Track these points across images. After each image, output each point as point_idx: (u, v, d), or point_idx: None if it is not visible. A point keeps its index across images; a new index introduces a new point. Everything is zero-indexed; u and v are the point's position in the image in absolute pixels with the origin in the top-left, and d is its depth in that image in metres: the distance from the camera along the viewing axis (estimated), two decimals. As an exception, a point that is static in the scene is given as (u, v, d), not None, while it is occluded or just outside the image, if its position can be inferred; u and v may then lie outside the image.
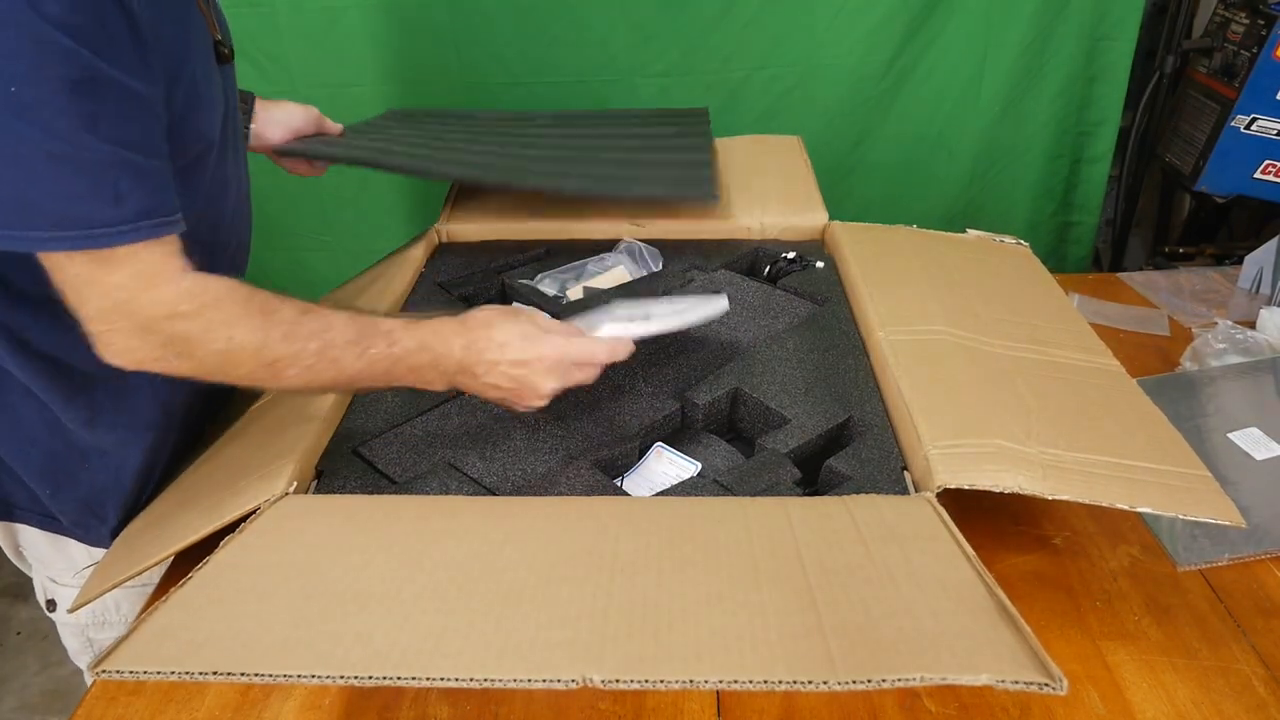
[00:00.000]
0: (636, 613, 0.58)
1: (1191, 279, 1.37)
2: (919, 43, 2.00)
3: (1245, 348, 1.12)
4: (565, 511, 0.72)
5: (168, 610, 0.61)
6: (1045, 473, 0.73)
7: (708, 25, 1.97)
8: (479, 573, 0.63)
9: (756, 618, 0.57)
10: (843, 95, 2.04)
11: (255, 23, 1.94)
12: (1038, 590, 0.78)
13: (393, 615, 0.59)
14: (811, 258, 1.16)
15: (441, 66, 2.01)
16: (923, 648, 0.54)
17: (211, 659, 0.56)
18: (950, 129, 2.09)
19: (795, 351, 0.97)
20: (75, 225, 0.62)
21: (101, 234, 0.62)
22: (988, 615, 0.57)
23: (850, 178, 2.15)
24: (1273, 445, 0.94)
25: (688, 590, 0.60)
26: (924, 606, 0.58)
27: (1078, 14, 1.95)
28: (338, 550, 0.67)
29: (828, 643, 0.55)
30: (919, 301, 0.99)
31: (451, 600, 0.60)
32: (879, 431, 0.84)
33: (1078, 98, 2.05)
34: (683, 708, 0.69)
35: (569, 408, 0.90)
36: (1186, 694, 0.69)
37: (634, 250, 1.20)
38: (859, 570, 0.62)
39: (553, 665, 0.54)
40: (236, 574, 0.65)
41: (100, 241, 0.62)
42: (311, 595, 0.61)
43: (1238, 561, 0.81)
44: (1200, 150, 1.83)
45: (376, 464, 0.83)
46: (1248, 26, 1.72)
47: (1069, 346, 0.93)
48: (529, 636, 0.56)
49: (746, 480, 0.80)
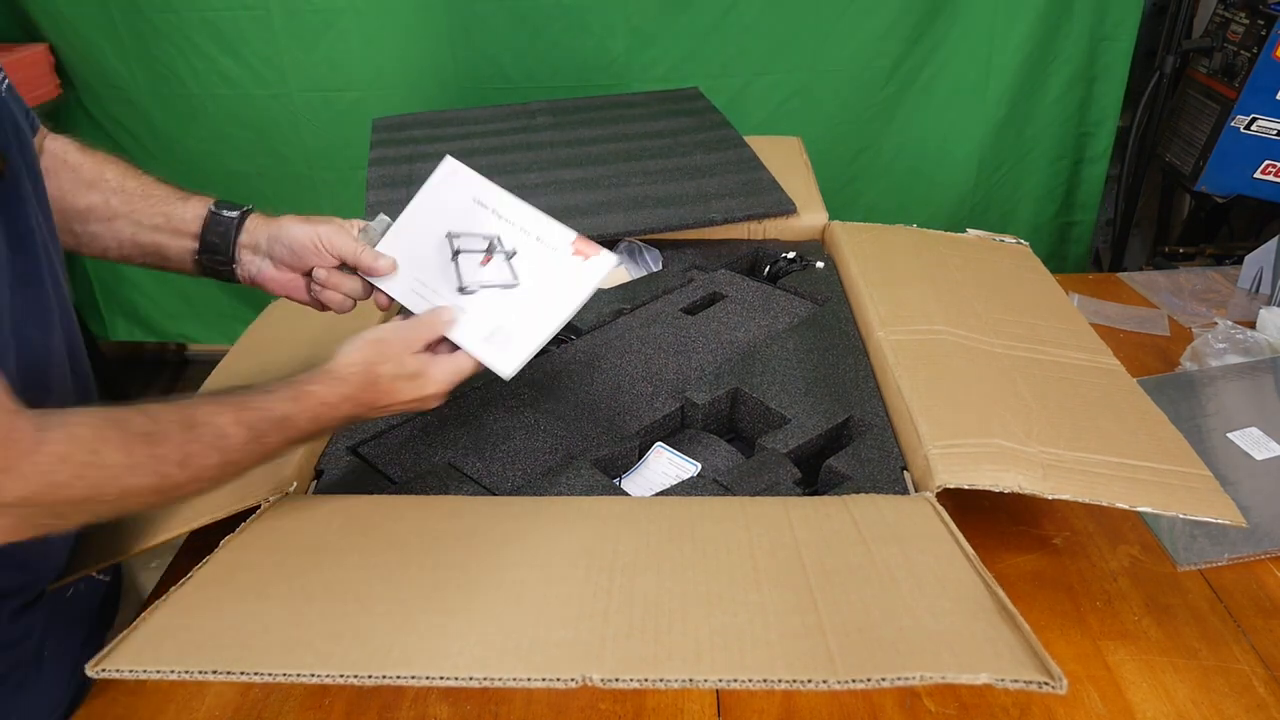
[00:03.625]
0: (636, 613, 0.58)
1: (1191, 279, 1.37)
2: (923, 48, 1.99)
3: (1245, 348, 1.12)
4: (565, 511, 0.72)
5: (167, 610, 0.61)
6: (1045, 472, 0.73)
7: (707, 30, 1.96)
8: (479, 572, 0.63)
9: (756, 617, 0.57)
10: (846, 102, 2.03)
11: (250, 26, 1.93)
12: (1038, 590, 0.78)
13: (393, 615, 0.59)
14: (811, 258, 1.16)
15: (438, 70, 2.00)
16: (923, 646, 0.54)
17: (211, 658, 0.56)
18: (954, 135, 2.08)
19: (795, 351, 0.97)
20: None
21: None
22: (987, 614, 0.57)
23: (853, 185, 2.14)
24: (1273, 445, 0.94)
25: (688, 590, 0.60)
26: (924, 606, 0.58)
27: (1079, 15, 1.94)
28: (338, 550, 0.67)
29: (828, 642, 0.55)
30: (919, 301, 0.99)
31: (451, 600, 0.60)
32: (879, 431, 0.84)
33: (1078, 98, 2.05)
34: (683, 707, 0.69)
35: (569, 408, 0.90)
36: (1186, 694, 0.69)
37: (634, 250, 1.20)
38: (859, 570, 0.62)
39: (553, 665, 0.54)
40: (236, 573, 0.65)
41: None
42: (312, 595, 0.61)
43: (1238, 561, 0.81)
44: (1200, 150, 1.83)
45: (376, 464, 0.83)
46: (1248, 26, 1.72)
47: (1069, 346, 0.93)
48: (529, 636, 0.56)
49: (746, 480, 0.80)
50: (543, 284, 0.78)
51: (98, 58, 1.99)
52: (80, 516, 0.59)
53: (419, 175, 1.26)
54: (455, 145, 1.38)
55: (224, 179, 2.12)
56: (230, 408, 0.65)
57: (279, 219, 0.82)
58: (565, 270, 0.78)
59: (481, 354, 0.74)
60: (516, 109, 1.54)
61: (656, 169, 1.29)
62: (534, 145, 1.38)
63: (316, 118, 2.05)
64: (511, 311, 0.76)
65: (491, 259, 0.79)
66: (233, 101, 2.03)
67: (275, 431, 0.67)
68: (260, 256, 0.82)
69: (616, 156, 1.34)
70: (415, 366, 0.72)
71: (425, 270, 0.79)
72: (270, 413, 0.67)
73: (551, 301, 0.77)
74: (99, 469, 0.57)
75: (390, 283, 0.80)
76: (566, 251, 0.78)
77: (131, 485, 0.59)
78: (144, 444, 0.59)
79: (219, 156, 2.10)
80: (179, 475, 0.61)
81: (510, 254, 0.79)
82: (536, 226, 0.80)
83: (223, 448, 0.64)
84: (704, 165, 1.30)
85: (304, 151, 2.09)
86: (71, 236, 0.79)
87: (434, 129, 1.45)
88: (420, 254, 0.80)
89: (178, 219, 0.81)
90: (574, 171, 1.29)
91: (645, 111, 1.52)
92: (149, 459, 0.60)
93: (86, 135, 2.21)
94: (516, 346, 0.74)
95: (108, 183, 0.80)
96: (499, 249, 0.80)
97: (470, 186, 0.84)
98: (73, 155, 0.79)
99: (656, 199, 1.21)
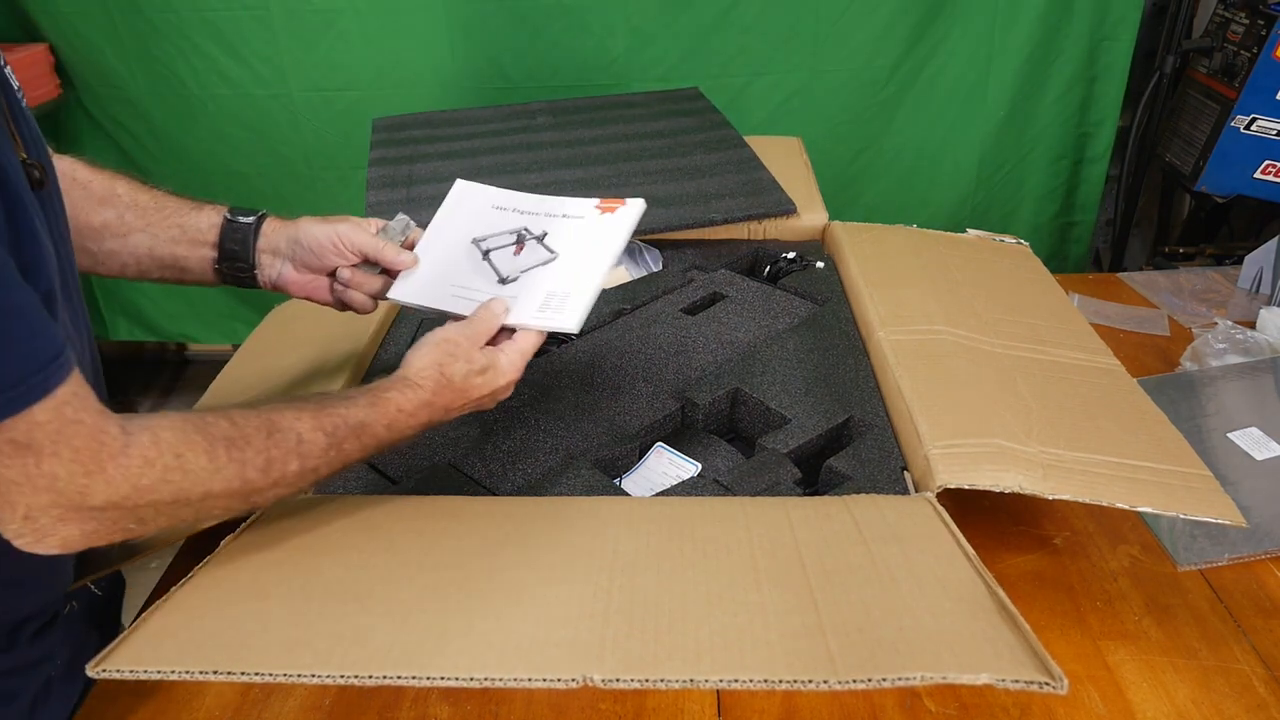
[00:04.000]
0: (637, 612, 0.58)
1: (1191, 279, 1.37)
2: (923, 48, 1.99)
3: (1245, 348, 1.12)
4: (565, 511, 0.72)
5: (168, 610, 0.61)
6: (1045, 472, 0.73)
7: (707, 29, 1.96)
8: (479, 572, 0.63)
9: (757, 617, 0.57)
10: (846, 102, 2.03)
11: (250, 26, 1.93)
12: (1038, 590, 0.78)
13: (393, 615, 0.59)
14: (811, 258, 1.16)
15: (438, 70, 2.00)
16: (923, 646, 0.54)
17: (211, 659, 0.56)
18: (955, 135, 2.07)
19: (795, 351, 0.97)
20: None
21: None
22: (987, 614, 0.57)
23: (854, 186, 2.13)
24: (1273, 445, 0.94)
25: (688, 590, 0.60)
26: (924, 606, 0.58)
27: (1080, 15, 1.94)
28: (338, 550, 0.67)
29: (828, 642, 0.55)
30: (919, 301, 0.99)
31: (451, 600, 0.60)
32: (879, 431, 0.84)
33: (1079, 98, 2.05)
34: (683, 707, 0.69)
35: (569, 408, 0.90)
36: (1187, 694, 0.69)
37: (634, 250, 1.20)
38: (859, 570, 0.62)
39: (553, 665, 0.54)
40: (236, 573, 0.65)
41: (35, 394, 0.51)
42: (311, 595, 0.61)
43: (1238, 561, 0.81)
44: (1200, 150, 1.83)
45: (376, 464, 0.83)
46: (1248, 26, 1.72)
47: (1069, 346, 0.93)
48: (529, 636, 0.56)
49: (746, 480, 0.80)
50: (581, 246, 0.79)
51: (98, 58, 1.99)
52: (162, 520, 0.59)
53: (419, 175, 1.26)
54: (455, 145, 1.38)
55: (224, 179, 2.12)
56: (309, 414, 0.65)
57: (296, 221, 0.82)
58: (599, 227, 0.79)
59: (541, 322, 0.75)
60: (516, 109, 1.54)
61: (656, 169, 1.29)
62: (534, 145, 1.38)
63: (317, 117, 2.05)
64: (558, 278, 0.77)
65: (524, 247, 0.80)
66: (233, 101, 2.03)
67: (353, 438, 0.67)
68: (281, 260, 0.81)
69: (616, 157, 1.34)
70: (484, 360, 0.73)
71: (460, 275, 0.80)
72: (348, 419, 0.67)
73: (594, 254, 0.78)
74: (183, 473, 0.57)
75: (428, 293, 0.80)
76: (594, 215, 0.80)
77: (214, 489, 0.59)
78: (227, 449, 0.60)
79: (219, 156, 2.10)
80: (260, 480, 0.62)
81: (541, 236, 0.80)
82: (559, 207, 0.82)
83: (302, 453, 0.64)
84: (704, 165, 1.30)
85: (304, 151, 2.09)
86: (87, 256, 0.78)
87: (434, 129, 1.45)
88: (450, 265, 0.81)
89: (194, 229, 0.80)
90: (574, 171, 1.29)
91: (645, 112, 1.52)
92: (231, 463, 0.60)
93: (86, 135, 2.21)
94: (573, 301, 0.75)
95: (120, 198, 0.79)
96: (528, 236, 0.81)
97: (485, 196, 0.85)
98: (82, 172, 0.78)
99: (657, 199, 1.21)
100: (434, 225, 0.84)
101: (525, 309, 0.76)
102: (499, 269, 0.79)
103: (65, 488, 0.52)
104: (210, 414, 0.61)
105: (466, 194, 0.87)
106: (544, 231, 0.81)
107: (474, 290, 0.78)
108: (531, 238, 0.81)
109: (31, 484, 0.52)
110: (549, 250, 0.80)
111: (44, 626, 0.70)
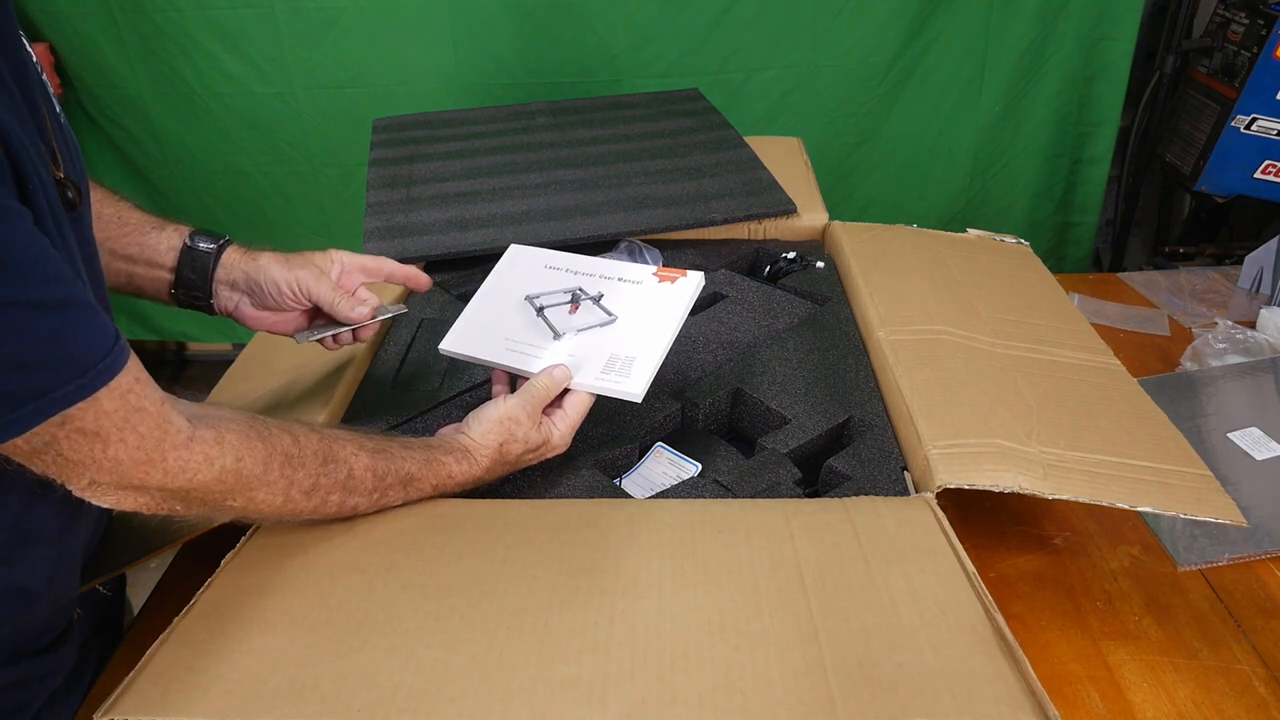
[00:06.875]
0: (639, 645, 0.58)
1: (1191, 279, 1.37)
2: (920, 44, 2.00)
3: (1245, 348, 1.12)
4: (565, 521, 0.71)
5: (172, 647, 0.60)
6: (1045, 472, 0.73)
7: (707, 27, 1.97)
8: (479, 597, 0.63)
9: (758, 651, 0.58)
10: (843, 96, 2.04)
11: (253, 24, 1.94)
12: (1038, 590, 0.78)
13: (397, 651, 0.58)
14: (811, 258, 1.16)
15: (440, 67, 2.01)
16: (923, 688, 0.55)
17: (218, 705, 0.55)
18: (950, 129, 2.09)
19: (795, 351, 0.97)
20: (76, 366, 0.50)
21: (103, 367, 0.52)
22: (987, 647, 0.57)
23: (851, 178, 2.15)
24: (1273, 445, 0.94)
25: (689, 617, 0.60)
26: (924, 637, 0.58)
27: (1077, 14, 1.95)
28: (340, 571, 0.66)
29: (829, 680, 0.55)
30: (919, 301, 0.99)
31: (453, 632, 0.60)
32: (879, 431, 0.84)
33: (1077, 98, 2.05)
34: None
35: (569, 408, 0.90)
36: (1187, 694, 0.69)
37: (634, 250, 1.20)
38: (860, 592, 0.62)
39: (557, 709, 0.54)
40: (239, 598, 0.64)
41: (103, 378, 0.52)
42: (314, 625, 0.61)
43: (1238, 561, 0.81)
44: (1200, 150, 1.83)
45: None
46: (1248, 26, 1.72)
47: (1069, 346, 0.93)
48: (532, 675, 0.56)
49: (747, 480, 0.80)
50: (640, 311, 0.80)
51: (98, 57, 1.99)
52: (203, 509, 0.61)
53: (419, 175, 1.26)
54: (455, 145, 1.38)
55: (226, 176, 2.12)
56: (366, 454, 0.68)
57: (258, 257, 0.82)
58: (657, 295, 0.81)
59: (605, 387, 0.76)
60: (517, 109, 1.54)
61: (656, 169, 1.29)
62: (534, 145, 1.38)
63: (320, 115, 2.05)
64: (619, 341, 0.79)
65: (579, 306, 0.82)
66: (236, 99, 2.03)
67: (399, 487, 0.70)
68: (239, 293, 0.82)
69: (616, 157, 1.34)
70: (539, 438, 0.76)
71: (515, 331, 0.82)
72: (399, 470, 0.69)
73: (656, 320, 0.79)
74: (237, 476, 0.60)
75: (481, 346, 0.81)
76: (652, 282, 0.82)
77: (260, 498, 0.62)
78: (282, 464, 0.62)
79: (221, 154, 2.10)
80: (303, 503, 0.64)
81: (597, 297, 0.82)
82: (614, 270, 0.84)
83: (348, 488, 0.67)
84: (704, 165, 1.30)
85: (307, 149, 2.09)
86: None
87: (434, 129, 1.45)
88: (503, 320, 0.83)
89: (151, 249, 0.80)
90: (574, 172, 1.29)
91: (645, 112, 1.52)
92: (282, 479, 0.62)
93: (87, 135, 2.21)
94: (639, 367, 0.76)
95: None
96: (584, 296, 0.82)
97: (538, 258, 0.88)
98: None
99: (657, 199, 1.21)
100: (487, 283, 0.87)
101: (588, 372, 0.77)
102: (554, 326, 0.81)
103: (128, 471, 0.55)
104: (276, 424, 0.63)
105: (521, 255, 0.89)
106: (600, 293, 0.83)
107: (527, 345, 0.80)
108: (587, 298, 0.82)
109: (97, 465, 0.54)
110: (607, 312, 0.81)
111: (54, 641, 0.70)
